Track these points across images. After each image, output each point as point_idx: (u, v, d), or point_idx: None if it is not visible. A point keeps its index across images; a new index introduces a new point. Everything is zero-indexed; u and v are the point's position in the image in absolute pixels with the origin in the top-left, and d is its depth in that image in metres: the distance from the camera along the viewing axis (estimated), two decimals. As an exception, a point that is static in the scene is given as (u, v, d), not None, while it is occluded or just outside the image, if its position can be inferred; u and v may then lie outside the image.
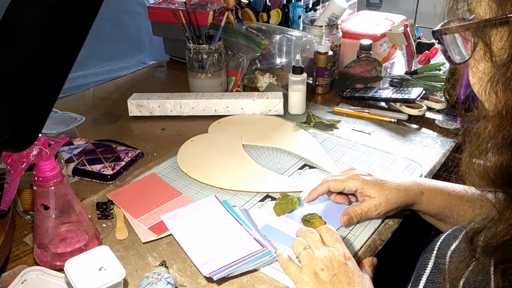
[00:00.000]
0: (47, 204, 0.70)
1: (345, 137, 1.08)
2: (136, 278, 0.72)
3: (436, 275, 0.56)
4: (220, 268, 0.71)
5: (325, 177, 0.84)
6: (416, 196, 0.79)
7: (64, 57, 0.46)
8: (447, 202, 0.78)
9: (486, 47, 0.41)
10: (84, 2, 0.45)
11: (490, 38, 0.40)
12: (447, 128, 1.11)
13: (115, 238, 0.80)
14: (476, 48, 0.42)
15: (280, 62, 1.33)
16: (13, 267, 0.74)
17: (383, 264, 0.76)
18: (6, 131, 0.46)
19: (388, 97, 1.16)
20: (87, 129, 1.15)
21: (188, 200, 0.89)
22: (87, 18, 0.46)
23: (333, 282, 0.64)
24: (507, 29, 0.39)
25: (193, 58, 1.25)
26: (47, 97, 0.47)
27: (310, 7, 1.45)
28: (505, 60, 0.39)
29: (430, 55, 1.32)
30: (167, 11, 1.42)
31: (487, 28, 0.40)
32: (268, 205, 0.87)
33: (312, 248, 0.69)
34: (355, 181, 0.80)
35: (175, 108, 1.18)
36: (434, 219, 0.81)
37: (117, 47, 2.04)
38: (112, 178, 0.95)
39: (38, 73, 0.45)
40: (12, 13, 0.43)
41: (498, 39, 0.40)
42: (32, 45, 0.44)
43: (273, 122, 1.16)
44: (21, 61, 0.44)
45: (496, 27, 0.40)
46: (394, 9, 2.61)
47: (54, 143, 0.69)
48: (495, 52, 0.40)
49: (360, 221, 0.82)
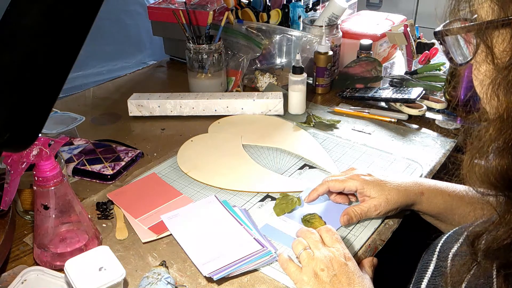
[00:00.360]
0: (47, 204, 0.70)
1: (345, 137, 1.08)
2: (136, 278, 0.72)
3: (437, 278, 0.56)
4: (220, 268, 0.71)
5: (325, 177, 0.84)
6: (416, 196, 0.79)
7: (64, 57, 0.46)
8: (448, 203, 0.78)
9: (488, 49, 0.40)
10: (84, 2, 0.45)
11: (492, 40, 0.40)
12: (447, 128, 1.11)
13: (115, 238, 0.80)
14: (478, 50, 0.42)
15: (280, 62, 1.33)
16: (13, 267, 0.74)
17: (383, 264, 0.76)
18: (6, 131, 0.46)
19: (388, 97, 1.16)
20: (87, 129, 1.15)
21: (188, 200, 0.89)
22: (87, 18, 0.46)
23: (333, 283, 0.64)
24: (509, 31, 0.39)
25: (193, 58, 1.25)
26: (47, 97, 0.47)
27: (310, 7, 1.45)
28: (507, 63, 0.39)
29: (430, 55, 1.32)
30: (167, 11, 1.42)
31: (489, 30, 0.40)
32: (268, 205, 0.87)
33: (312, 249, 0.69)
34: (355, 181, 0.80)
35: (175, 108, 1.18)
36: (434, 219, 0.81)
37: (117, 47, 2.04)
38: (112, 178, 0.95)
39: (38, 73, 0.45)
40: (12, 13, 0.43)
41: (500, 41, 0.40)
42: (32, 45, 0.44)
43: (273, 122, 1.16)
44: (21, 61, 0.44)
45: (498, 29, 0.39)
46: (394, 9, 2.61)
47: (54, 143, 0.69)
48: (497, 55, 0.40)
49: (360, 221, 0.82)
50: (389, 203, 0.78)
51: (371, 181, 0.79)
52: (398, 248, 0.84)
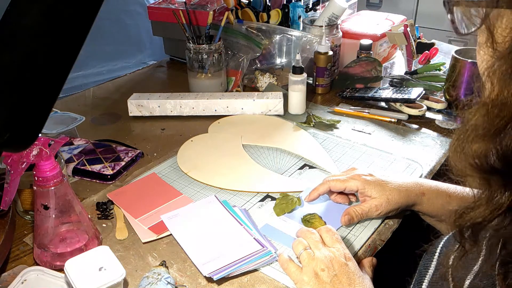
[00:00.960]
0: (47, 204, 0.70)
1: (345, 137, 1.08)
2: (136, 278, 0.72)
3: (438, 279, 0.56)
4: (220, 268, 0.71)
5: (326, 177, 0.84)
6: (417, 197, 0.79)
7: (64, 57, 0.46)
8: (448, 204, 0.77)
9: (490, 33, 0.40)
10: (84, 2, 0.45)
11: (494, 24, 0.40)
12: (447, 128, 1.11)
13: (115, 238, 0.80)
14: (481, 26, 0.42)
15: (280, 62, 1.33)
16: (13, 267, 0.74)
17: (383, 264, 0.76)
18: (6, 131, 0.46)
19: (388, 97, 1.16)
20: (87, 129, 1.15)
21: (188, 200, 0.89)
22: (87, 18, 0.46)
23: (334, 283, 0.64)
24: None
25: (193, 58, 1.25)
26: (47, 97, 0.47)
27: (310, 7, 1.45)
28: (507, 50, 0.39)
29: (430, 55, 1.32)
30: (167, 11, 1.42)
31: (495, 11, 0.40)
32: (268, 205, 0.87)
33: (313, 249, 0.69)
34: (356, 181, 0.80)
35: (175, 108, 1.18)
36: (435, 220, 0.81)
37: (117, 47, 2.04)
38: (112, 178, 0.95)
39: (38, 73, 0.45)
40: (12, 13, 0.43)
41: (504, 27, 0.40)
42: (32, 45, 0.44)
43: (273, 122, 1.16)
44: (21, 61, 0.44)
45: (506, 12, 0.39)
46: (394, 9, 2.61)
47: (54, 143, 0.69)
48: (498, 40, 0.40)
49: (360, 221, 0.82)
50: (390, 203, 0.78)
51: (372, 181, 0.79)
52: (398, 248, 0.84)
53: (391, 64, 1.47)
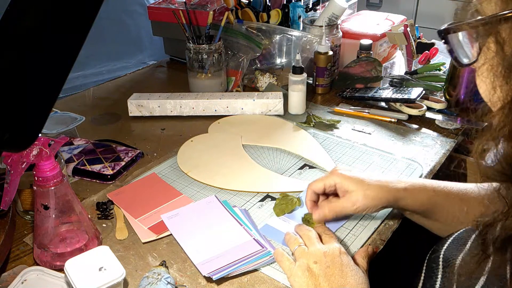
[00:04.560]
0: (47, 204, 0.70)
1: (345, 137, 1.08)
2: (136, 278, 0.72)
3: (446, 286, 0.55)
4: (219, 268, 0.71)
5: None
6: (398, 192, 0.76)
7: (64, 57, 0.46)
8: (432, 199, 0.75)
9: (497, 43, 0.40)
10: (84, 2, 0.45)
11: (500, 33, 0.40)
12: (447, 128, 1.11)
13: (115, 238, 0.80)
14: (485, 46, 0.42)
15: (280, 62, 1.33)
16: (13, 267, 0.74)
17: (383, 264, 0.76)
18: (6, 131, 0.46)
19: (388, 97, 1.16)
20: (87, 129, 1.15)
21: (188, 200, 0.89)
22: (87, 18, 0.46)
23: (326, 274, 0.65)
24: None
25: (193, 58, 1.25)
26: (47, 97, 0.47)
27: (310, 7, 1.45)
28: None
29: (430, 55, 1.32)
30: (167, 11, 1.42)
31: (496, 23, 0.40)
32: (268, 205, 0.87)
33: (307, 244, 0.71)
34: (334, 175, 0.78)
35: (175, 108, 1.18)
36: (421, 217, 0.79)
37: (117, 47, 2.04)
38: (112, 178, 0.95)
39: (38, 73, 0.45)
40: (12, 13, 0.43)
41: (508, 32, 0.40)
42: (32, 45, 0.44)
43: (273, 122, 1.16)
44: (21, 61, 0.44)
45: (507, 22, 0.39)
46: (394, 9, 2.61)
47: (54, 143, 0.69)
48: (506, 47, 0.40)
49: (360, 221, 0.82)
50: (367, 198, 0.75)
51: (349, 176, 0.77)
52: (398, 248, 0.84)
53: (391, 64, 1.47)
